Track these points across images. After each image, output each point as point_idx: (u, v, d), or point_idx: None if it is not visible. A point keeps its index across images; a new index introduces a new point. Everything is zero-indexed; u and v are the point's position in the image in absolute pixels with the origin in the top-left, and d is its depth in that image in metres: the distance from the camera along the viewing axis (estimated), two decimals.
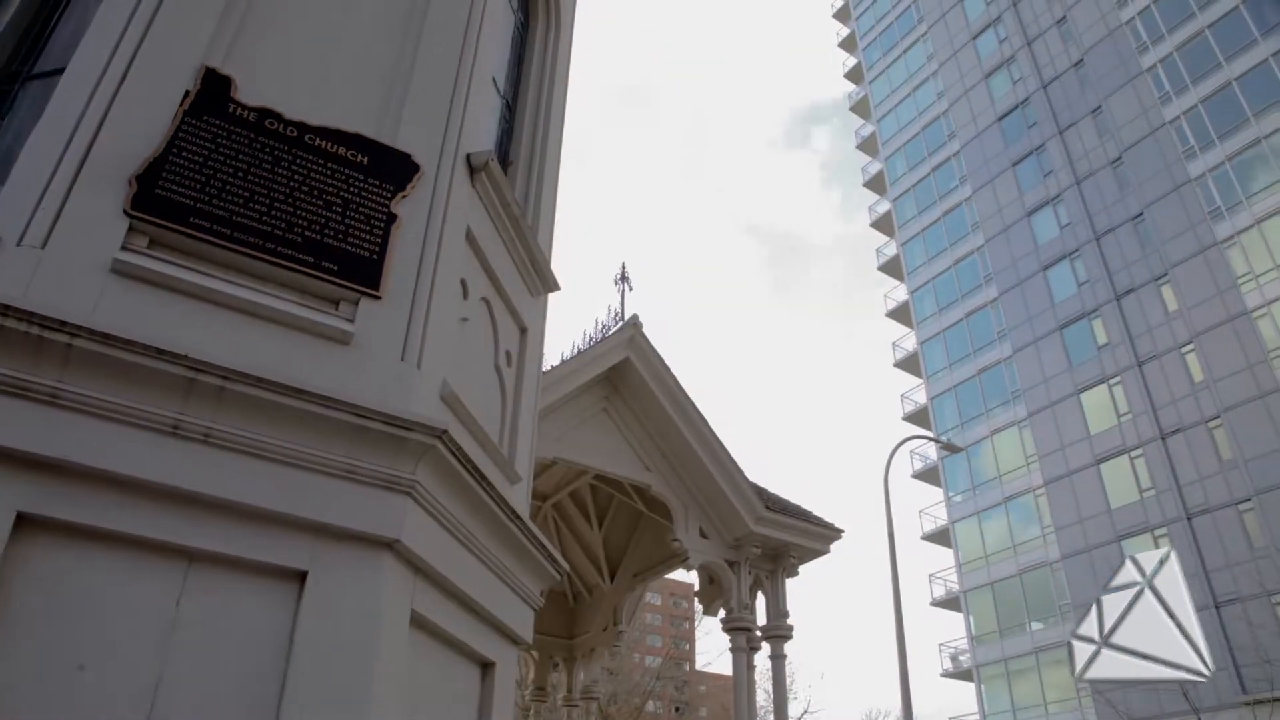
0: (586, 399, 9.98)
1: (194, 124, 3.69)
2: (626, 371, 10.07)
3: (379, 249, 3.88)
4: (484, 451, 4.40)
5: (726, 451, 10.42)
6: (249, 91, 3.89)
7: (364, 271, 3.80)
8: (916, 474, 47.88)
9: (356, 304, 3.75)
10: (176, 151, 3.60)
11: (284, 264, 3.65)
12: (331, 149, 3.98)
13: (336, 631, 3.18)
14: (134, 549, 3.02)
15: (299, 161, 3.88)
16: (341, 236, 3.83)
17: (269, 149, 3.83)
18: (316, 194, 3.87)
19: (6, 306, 2.91)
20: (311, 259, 3.71)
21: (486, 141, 5.30)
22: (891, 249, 53.83)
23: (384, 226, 3.94)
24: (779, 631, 10.80)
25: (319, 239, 3.77)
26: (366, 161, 4.04)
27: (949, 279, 47.32)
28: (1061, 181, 41.78)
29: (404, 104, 4.33)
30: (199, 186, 3.59)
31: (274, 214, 3.72)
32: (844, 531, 11.22)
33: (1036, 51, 44.96)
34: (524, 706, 14.62)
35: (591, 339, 9.98)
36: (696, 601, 12.07)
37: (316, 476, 3.32)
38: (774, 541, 10.76)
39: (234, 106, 3.83)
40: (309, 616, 3.15)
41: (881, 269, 55.07)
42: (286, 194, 3.80)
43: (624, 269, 10.85)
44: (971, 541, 41.88)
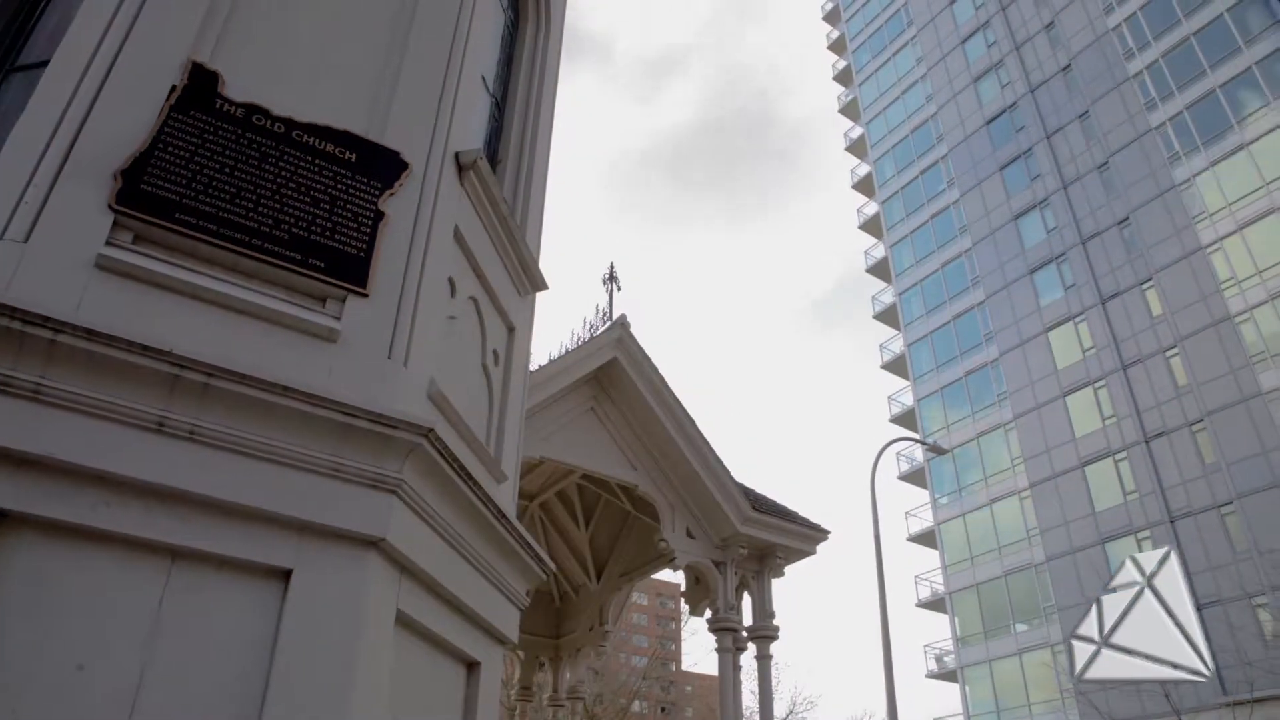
0: (574, 399, 9.97)
1: (180, 119, 3.67)
2: (614, 372, 10.07)
3: (366, 246, 3.86)
4: (470, 450, 4.39)
5: (714, 452, 10.45)
6: (236, 87, 3.87)
7: (351, 269, 3.78)
8: (903, 476, 48.08)
9: (343, 301, 3.73)
10: (162, 147, 3.57)
11: (270, 261, 3.63)
12: (319, 146, 3.97)
13: (321, 630, 3.17)
14: (117, 547, 3.00)
15: (286, 158, 3.86)
16: (329, 234, 3.81)
17: (256, 145, 3.81)
18: (304, 191, 3.85)
19: None
20: (298, 256, 3.69)
21: (475, 140, 5.29)
22: (880, 251, 54.01)
23: (371, 224, 3.93)
24: (765, 632, 10.83)
25: (306, 236, 3.75)
26: (354, 159, 4.02)
27: (936, 281, 47.53)
28: (1049, 186, 42.05)
29: (392, 101, 4.31)
30: (185, 182, 3.57)
31: (261, 210, 3.70)
32: (830, 533, 11.27)
33: (1025, 56, 45.23)
34: (509, 706, 14.60)
35: (580, 339, 9.98)
36: (683, 602, 12.07)
37: (302, 474, 3.30)
38: (760, 542, 10.79)
39: (221, 102, 3.80)
40: (293, 615, 3.14)
41: (870, 271, 55.26)
42: (274, 190, 3.78)
43: (612, 269, 10.86)
44: (957, 543, 42.08)
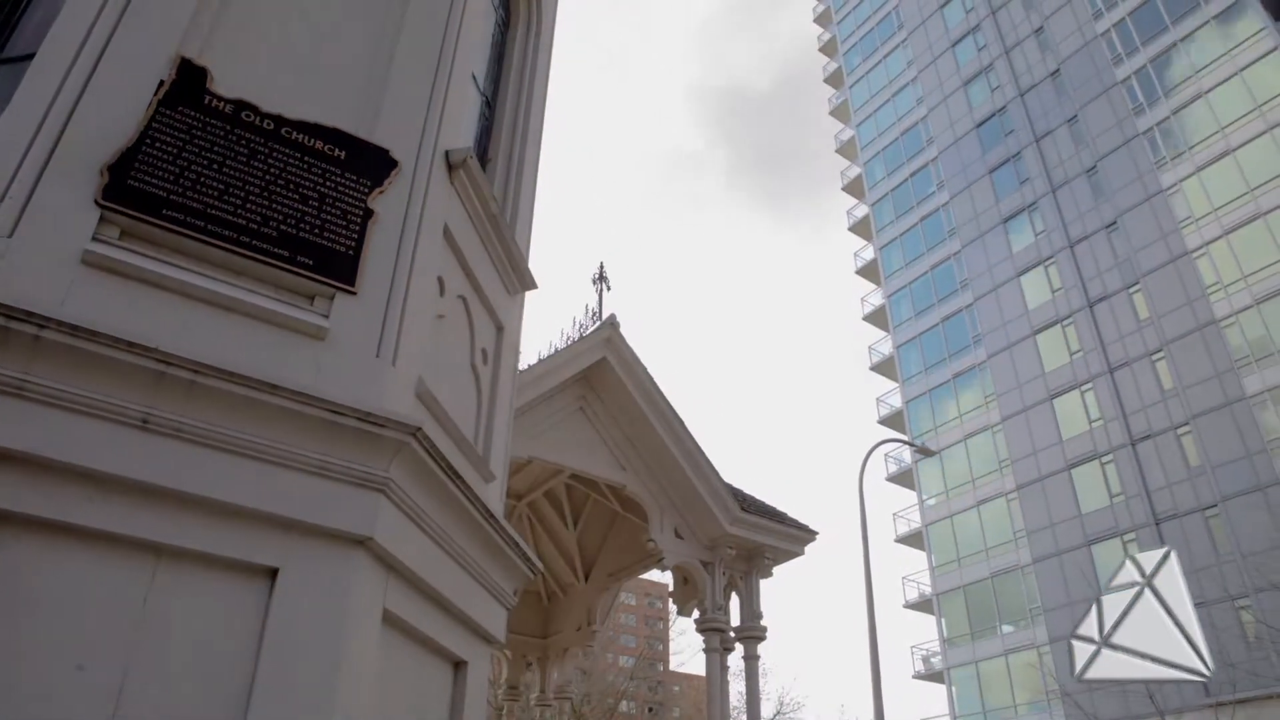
0: (563, 398, 9.96)
1: (168, 114, 3.64)
2: (603, 371, 10.06)
3: (355, 244, 3.85)
4: (459, 449, 4.39)
5: (702, 452, 10.45)
6: (225, 83, 3.85)
7: (340, 267, 3.77)
8: (891, 477, 48.22)
9: (332, 299, 3.72)
10: (150, 142, 3.55)
11: (258, 258, 3.61)
12: (309, 143, 3.95)
13: (308, 629, 3.16)
14: (101, 544, 2.97)
15: (275, 155, 3.85)
16: (317, 231, 3.79)
17: (245, 141, 3.79)
18: (293, 188, 3.83)
19: None
20: (286, 253, 3.68)
21: (465, 138, 5.28)
22: (869, 253, 54.18)
23: (360, 222, 3.91)
24: (753, 633, 10.84)
25: (294, 233, 3.74)
26: (344, 156, 4.01)
27: (925, 284, 47.69)
28: (1037, 189, 42.26)
29: (382, 99, 4.30)
30: (173, 178, 3.54)
31: (249, 207, 3.68)
32: (818, 533, 11.30)
33: (1014, 60, 45.44)
34: (497, 706, 14.58)
35: (569, 338, 9.97)
36: (671, 602, 12.07)
37: (289, 473, 3.29)
38: (749, 543, 10.80)
39: (210, 98, 3.78)
40: (280, 614, 3.12)
41: (859, 273, 55.42)
42: (262, 187, 3.76)
43: (602, 268, 10.85)
44: (945, 544, 42.24)
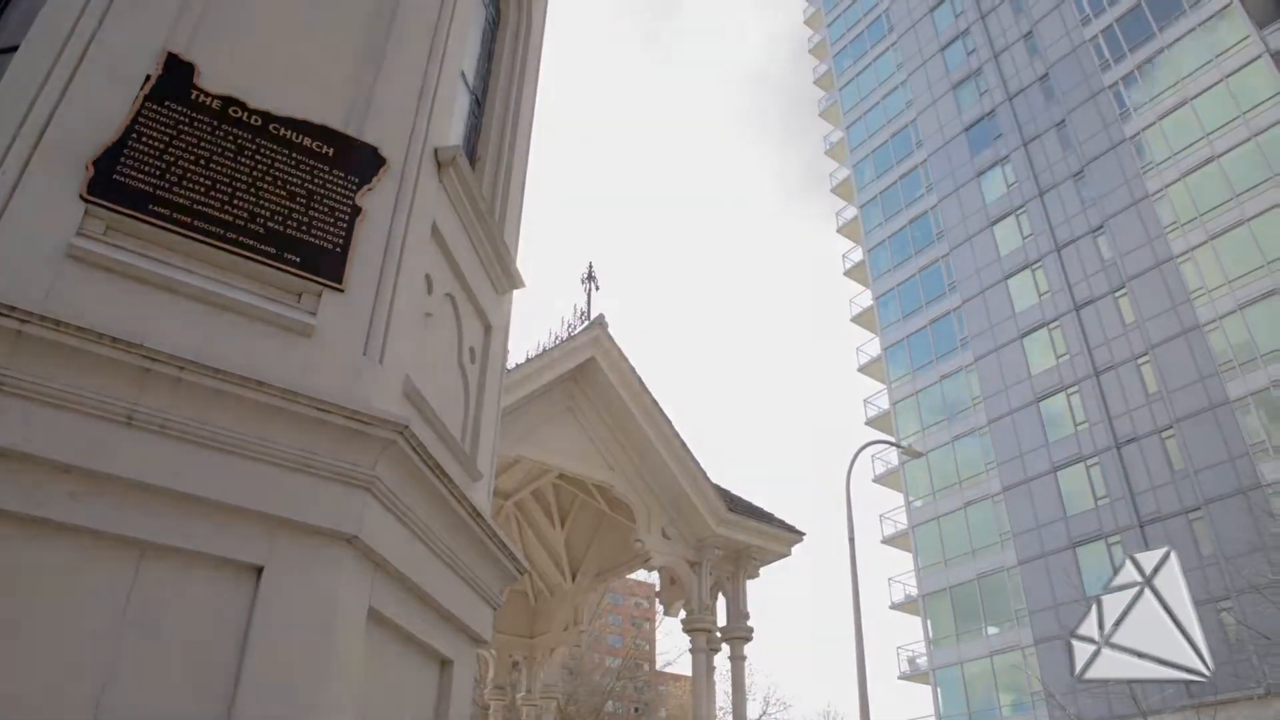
0: (551, 398, 9.96)
1: (155, 109, 3.63)
2: (591, 371, 10.07)
3: (343, 242, 3.84)
4: (446, 448, 4.38)
5: (690, 453, 10.46)
6: (213, 79, 3.83)
7: (327, 264, 3.76)
8: (878, 478, 48.36)
9: (319, 296, 3.71)
10: (136, 137, 3.53)
11: (246, 254, 3.60)
12: (296, 140, 3.94)
13: (293, 627, 3.15)
14: (84, 540, 2.96)
15: (263, 151, 3.83)
16: (305, 228, 3.78)
17: (232, 138, 3.78)
18: (280, 185, 3.82)
19: None
20: (273, 250, 3.67)
21: (455, 137, 5.27)
22: (858, 255, 54.35)
23: (348, 219, 3.90)
24: (739, 633, 10.87)
25: (282, 230, 3.72)
26: (332, 153, 4.00)
27: (913, 286, 47.88)
28: (1025, 193, 42.50)
29: (372, 96, 4.29)
30: (159, 173, 3.53)
31: (236, 203, 3.67)
32: (805, 534, 11.34)
33: (1003, 64, 45.67)
34: (483, 705, 14.55)
35: (558, 338, 9.97)
36: (658, 602, 12.08)
37: (275, 470, 3.27)
38: (736, 543, 10.83)
39: (197, 93, 3.76)
40: (265, 611, 3.11)
41: (847, 275, 55.58)
42: (249, 184, 3.74)
43: (591, 269, 10.86)
44: (931, 546, 42.41)
